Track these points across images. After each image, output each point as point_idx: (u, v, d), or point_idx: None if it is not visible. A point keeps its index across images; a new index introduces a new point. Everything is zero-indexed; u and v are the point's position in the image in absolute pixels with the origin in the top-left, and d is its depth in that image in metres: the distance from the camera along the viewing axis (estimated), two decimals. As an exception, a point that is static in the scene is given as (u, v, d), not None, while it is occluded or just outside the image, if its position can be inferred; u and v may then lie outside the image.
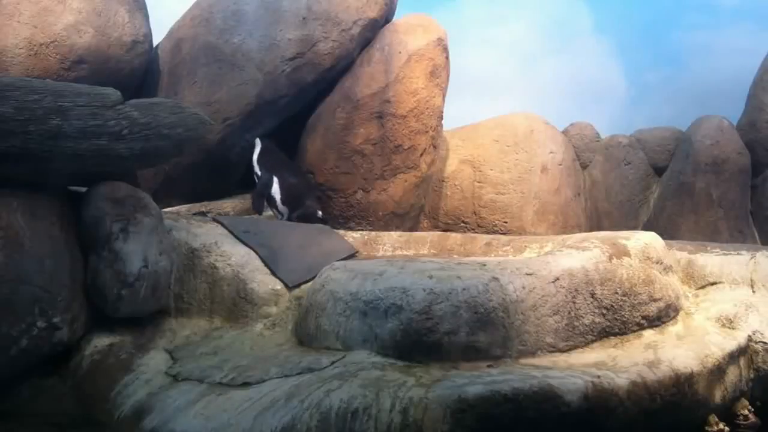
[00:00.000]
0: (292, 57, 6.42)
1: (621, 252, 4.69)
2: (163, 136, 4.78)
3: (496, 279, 4.24)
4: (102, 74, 6.07)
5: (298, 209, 6.23)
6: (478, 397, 3.52)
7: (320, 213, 6.25)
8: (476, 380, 3.67)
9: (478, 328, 4.07)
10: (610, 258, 4.62)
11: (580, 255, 4.61)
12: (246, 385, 4.03)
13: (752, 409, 4.63)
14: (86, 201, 4.76)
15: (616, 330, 4.54)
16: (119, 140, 4.64)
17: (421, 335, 4.01)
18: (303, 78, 6.48)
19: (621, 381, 3.93)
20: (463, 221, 7.21)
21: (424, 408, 3.49)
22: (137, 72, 6.53)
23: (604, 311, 4.50)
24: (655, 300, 4.69)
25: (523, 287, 4.28)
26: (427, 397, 3.53)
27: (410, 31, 6.75)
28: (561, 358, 4.26)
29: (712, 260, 5.43)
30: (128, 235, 4.71)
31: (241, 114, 6.41)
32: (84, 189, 4.87)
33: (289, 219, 6.20)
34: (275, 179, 6.26)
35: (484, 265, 4.48)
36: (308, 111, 6.71)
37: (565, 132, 8.02)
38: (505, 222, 7.16)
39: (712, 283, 5.34)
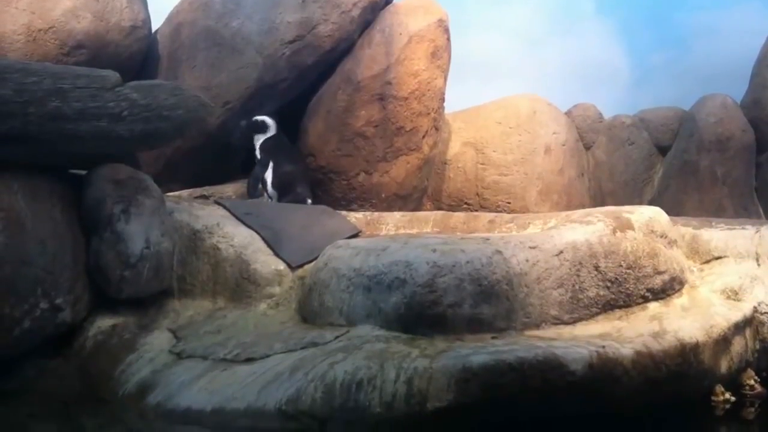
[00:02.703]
0: (291, 40, 6.40)
1: (625, 225, 4.67)
2: (164, 118, 4.76)
3: (499, 252, 4.22)
4: (101, 59, 6.05)
5: (288, 195, 6.22)
6: (483, 366, 3.51)
7: (310, 201, 6.24)
8: (480, 350, 3.66)
9: (481, 301, 4.05)
10: (614, 231, 4.59)
11: (584, 228, 4.59)
12: (250, 360, 4.03)
13: (758, 380, 4.62)
14: (87, 183, 4.76)
15: (621, 303, 4.52)
16: (119, 122, 4.62)
17: (425, 308, 3.99)
18: (303, 61, 6.45)
19: (626, 351, 3.91)
20: (466, 203, 7.18)
21: (429, 378, 3.48)
22: (136, 57, 6.51)
23: (609, 284, 4.48)
24: (659, 273, 4.66)
25: (527, 260, 4.27)
26: (431, 368, 3.51)
27: (411, 13, 6.72)
28: (565, 330, 4.24)
29: (716, 235, 5.39)
30: (130, 217, 4.71)
31: (241, 98, 6.38)
32: (84, 172, 4.86)
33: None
34: (271, 163, 6.25)
35: (488, 239, 4.47)
36: (309, 94, 6.68)
37: (568, 113, 7.98)
38: (509, 203, 7.13)
39: (717, 258, 5.30)
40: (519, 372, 3.56)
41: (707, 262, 5.31)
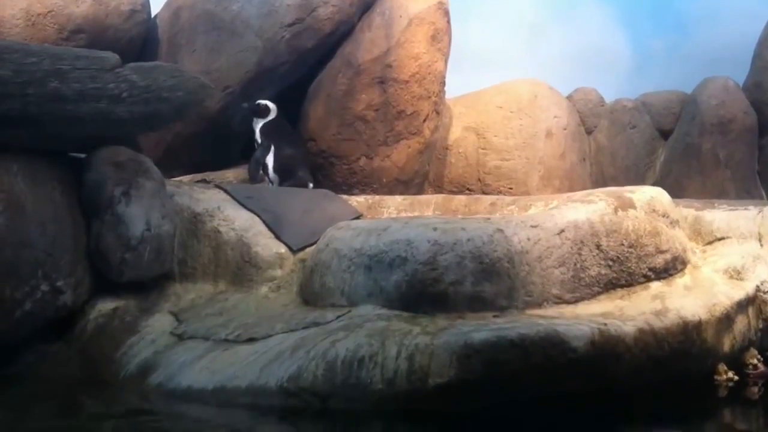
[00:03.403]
0: (291, 23, 6.37)
1: (626, 204, 4.65)
2: (163, 100, 4.75)
3: (500, 230, 4.21)
4: (100, 44, 5.99)
5: (289, 179, 6.21)
6: (485, 342, 3.49)
7: (311, 185, 6.22)
8: (482, 328, 3.65)
9: (483, 279, 4.04)
10: (616, 210, 4.58)
11: (585, 207, 4.58)
12: (252, 340, 4.02)
13: (761, 359, 4.61)
14: (87, 165, 4.74)
15: (623, 282, 4.51)
16: (119, 103, 4.61)
17: (426, 286, 3.98)
18: (303, 44, 6.43)
19: (628, 328, 3.90)
20: (467, 188, 7.16)
21: (431, 354, 3.46)
22: (136, 41, 6.48)
23: (611, 263, 4.46)
24: (661, 252, 4.64)
25: (528, 239, 4.25)
26: (433, 344, 3.50)
27: (410, -5, 6.68)
28: (567, 309, 4.23)
29: (719, 216, 5.36)
30: (130, 199, 4.69)
31: (241, 82, 6.36)
32: (84, 156, 4.84)
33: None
34: (272, 147, 6.23)
35: (488, 219, 4.46)
36: (309, 79, 6.65)
37: (569, 98, 7.96)
38: (510, 188, 7.12)
39: (720, 239, 5.27)
40: (521, 348, 3.54)
41: (710, 243, 5.28)
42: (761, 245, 5.07)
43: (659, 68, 9.72)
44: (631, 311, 4.19)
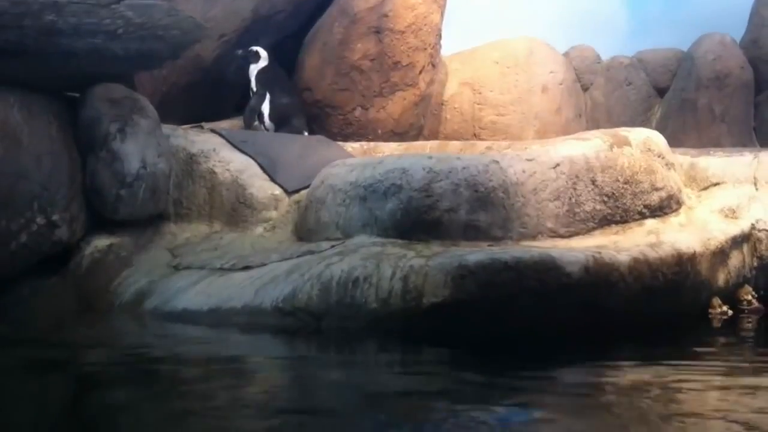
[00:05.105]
0: (287, -30, 6.35)
1: (622, 142, 4.65)
2: (159, 38, 4.74)
3: (496, 162, 4.22)
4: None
5: (284, 128, 6.19)
6: (479, 263, 3.50)
7: (306, 133, 6.21)
8: (477, 251, 3.65)
9: (478, 207, 4.05)
10: (611, 147, 4.58)
11: (581, 144, 4.58)
12: (247, 268, 4.05)
13: (756, 296, 4.62)
14: (83, 102, 4.74)
15: (618, 218, 4.51)
16: (114, 39, 4.59)
17: (421, 213, 3.99)
18: (299, -8, 6.41)
19: (622, 257, 3.91)
20: (463, 143, 7.15)
21: (425, 275, 3.48)
22: (131, -10, 6.44)
23: (605, 198, 4.47)
24: (657, 189, 4.65)
25: (524, 171, 4.26)
26: (428, 265, 3.51)
27: (407, -56, 6.65)
28: (562, 243, 4.24)
29: (714, 162, 5.37)
30: (126, 136, 4.69)
31: (236, 30, 6.32)
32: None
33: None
34: (268, 95, 6.21)
35: (483, 153, 4.46)
36: (307, 29, 6.63)
37: (565, 55, 7.93)
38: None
39: (715, 184, 5.28)
40: (515, 271, 3.55)
41: (705, 188, 5.28)
42: (757, 189, 5.08)
43: (656, 31, 9.77)
44: (626, 244, 4.19)
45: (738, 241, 4.55)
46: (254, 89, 6.24)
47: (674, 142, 7.10)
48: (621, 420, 2.24)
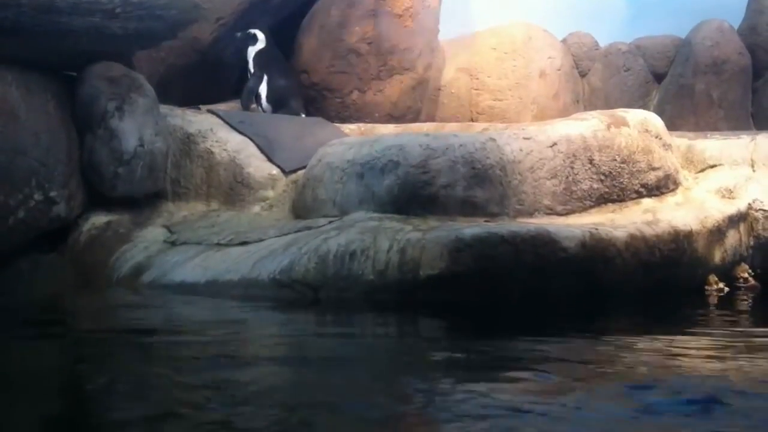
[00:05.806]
0: (285, -48, 6.35)
1: (619, 122, 4.66)
2: (157, 17, 4.75)
3: (493, 139, 4.23)
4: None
5: (281, 110, 6.20)
6: (475, 237, 3.52)
7: (303, 115, 6.21)
8: (474, 226, 3.67)
9: (475, 184, 4.06)
10: (609, 127, 4.59)
11: (578, 123, 4.59)
12: (244, 243, 4.06)
13: (752, 274, 4.63)
14: (81, 80, 4.74)
15: (615, 197, 4.53)
16: (112, 18, 4.60)
17: (418, 188, 4.00)
18: (297, -26, 6.41)
19: (619, 233, 3.94)
20: (461, 128, 7.15)
21: (422, 248, 3.49)
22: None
23: (603, 177, 4.48)
24: (654, 169, 4.66)
25: (521, 149, 4.27)
26: (425, 238, 3.53)
27: (405, -72, 6.64)
28: (558, 221, 4.24)
29: (711, 144, 5.38)
30: (123, 114, 4.70)
31: (234, 13, 6.30)
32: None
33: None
34: (265, 77, 6.21)
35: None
36: (304, 12, 6.62)
37: (563, 41, 7.93)
38: (504, 128, 7.11)
39: (712, 166, 5.29)
40: (512, 245, 3.57)
41: (702, 170, 5.29)
42: (754, 170, 5.09)
43: (654, 18, 9.72)
44: (623, 222, 4.21)
45: (735, 220, 4.56)
46: (252, 71, 6.24)
47: (672, 127, 7.09)
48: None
